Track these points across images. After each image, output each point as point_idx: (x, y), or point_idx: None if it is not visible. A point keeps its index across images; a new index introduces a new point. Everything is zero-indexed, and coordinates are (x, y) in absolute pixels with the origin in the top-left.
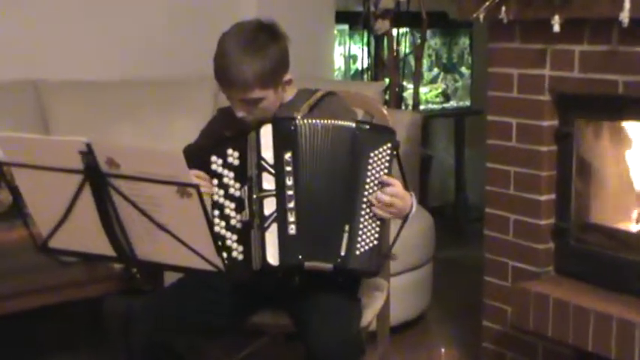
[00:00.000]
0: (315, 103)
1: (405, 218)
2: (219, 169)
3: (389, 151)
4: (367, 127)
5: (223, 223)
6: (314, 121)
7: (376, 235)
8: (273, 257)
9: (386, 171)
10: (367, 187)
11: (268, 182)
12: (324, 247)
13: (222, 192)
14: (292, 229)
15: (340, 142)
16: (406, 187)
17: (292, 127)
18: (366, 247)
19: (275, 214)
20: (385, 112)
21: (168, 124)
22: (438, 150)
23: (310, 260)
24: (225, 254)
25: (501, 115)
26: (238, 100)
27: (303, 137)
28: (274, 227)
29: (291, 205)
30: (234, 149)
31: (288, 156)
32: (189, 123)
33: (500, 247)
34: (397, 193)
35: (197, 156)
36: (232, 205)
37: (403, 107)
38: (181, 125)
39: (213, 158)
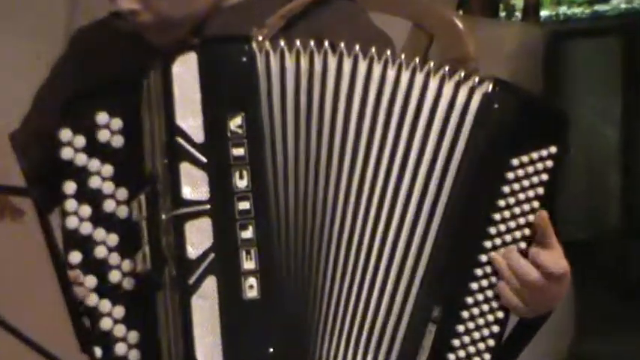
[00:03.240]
0: (301, 13)
1: (540, 319)
2: (79, 159)
3: (550, 163)
4: (516, 98)
5: (93, 282)
6: (299, 44)
7: (489, 344)
8: (209, 354)
9: (536, 204)
10: (493, 229)
11: (194, 184)
12: (361, 336)
13: (87, 210)
14: (252, 290)
15: (432, 114)
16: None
17: (244, 58)
18: None
19: (212, 257)
20: (461, 26)
21: None
22: (584, 111)
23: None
24: (98, 351)
25: None
26: None
27: (274, 82)
28: (211, 286)
29: (248, 233)
30: (111, 113)
31: (236, 124)
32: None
33: None
34: (557, 268)
35: (36, 135)
36: (112, 240)
37: (503, 14)
38: None
39: (65, 134)
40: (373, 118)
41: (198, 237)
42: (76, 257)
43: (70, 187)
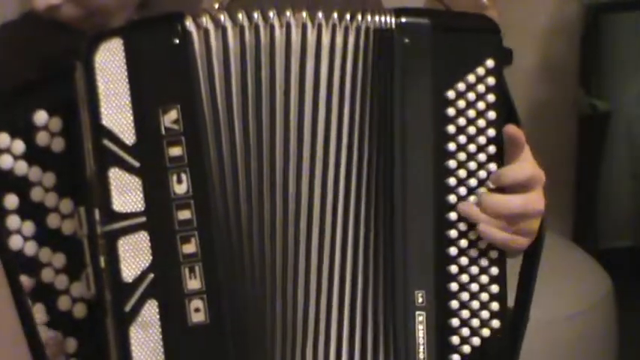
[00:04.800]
0: None
1: (536, 244)
2: (19, 168)
3: (492, 80)
4: (427, 21)
5: (40, 311)
6: (256, 15)
7: (493, 308)
8: None
9: (491, 132)
10: (452, 179)
11: (126, 192)
12: (341, 350)
13: (31, 228)
14: (199, 313)
15: (353, 74)
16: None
17: (176, 40)
18: (475, 343)
19: (151, 278)
20: None
21: None
22: (627, 98)
23: None
24: None
25: None
26: None
27: (215, 64)
28: (151, 311)
29: (191, 247)
30: (49, 111)
31: (171, 118)
32: None
33: None
34: (531, 173)
35: None
36: (59, 261)
37: None
38: None
39: (2, 140)
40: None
41: (134, 255)
42: (23, 282)
43: (11, 200)
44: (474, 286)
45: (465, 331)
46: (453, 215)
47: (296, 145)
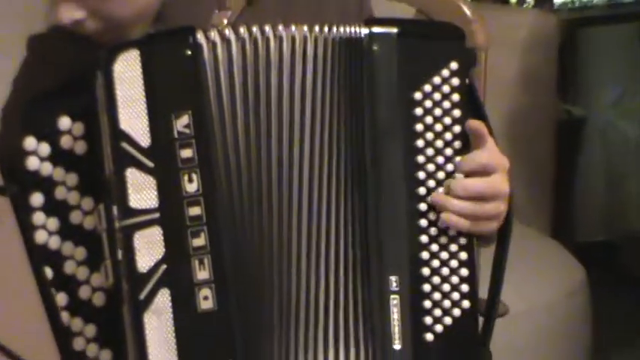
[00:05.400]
0: None
1: (502, 227)
2: (45, 169)
3: (456, 81)
4: (394, 31)
5: (64, 299)
6: (255, 29)
7: (463, 290)
8: None
9: (457, 129)
10: (421, 172)
11: (142, 190)
12: (328, 333)
13: (55, 223)
14: (208, 301)
15: (333, 80)
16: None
17: (188, 51)
18: (447, 322)
19: (164, 268)
20: (469, 12)
21: None
22: (600, 105)
23: None
24: None
25: None
26: None
27: (224, 73)
28: (164, 300)
29: (201, 241)
30: (72, 116)
31: (183, 123)
32: None
33: None
34: (493, 157)
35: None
36: (81, 254)
37: (514, 1)
38: None
39: (30, 143)
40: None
41: (148, 248)
42: (48, 273)
43: (37, 199)
44: (445, 270)
45: (438, 312)
46: (423, 206)
47: (288, 145)
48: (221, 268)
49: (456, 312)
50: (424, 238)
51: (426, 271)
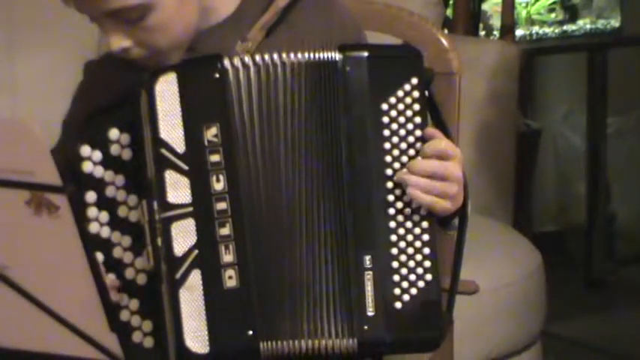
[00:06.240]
0: (280, 17)
1: (459, 211)
2: (97, 172)
3: (417, 93)
4: (365, 54)
5: (112, 278)
6: (267, 57)
7: (426, 265)
8: (197, 339)
9: (418, 133)
10: (389, 170)
11: (178, 189)
12: (322, 307)
13: (105, 216)
14: (232, 280)
15: (321, 96)
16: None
17: (217, 75)
18: (413, 293)
19: (196, 253)
20: (446, 42)
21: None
22: (553, 119)
23: (283, 337)
24: (120, 339)
25: None
26: (103, 15)
27: (245, 93)
28: (196, 278)
29: (226, 230)
30: (120, 129)
31: (212, 133)
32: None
33: None
34: (447, 147)
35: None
36: (126, 241)
37: (483, 33)
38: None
39: (85, 150)
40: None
41: (183, 236)
42: (99, 257)
43: (91, 196)
44: (410, 250)
45: (405, 284)
46: (391, 197)
47: (283, 151)
48: (243, 252)
49: (421, 284)
50: (392, 224)
51: (394, 250)
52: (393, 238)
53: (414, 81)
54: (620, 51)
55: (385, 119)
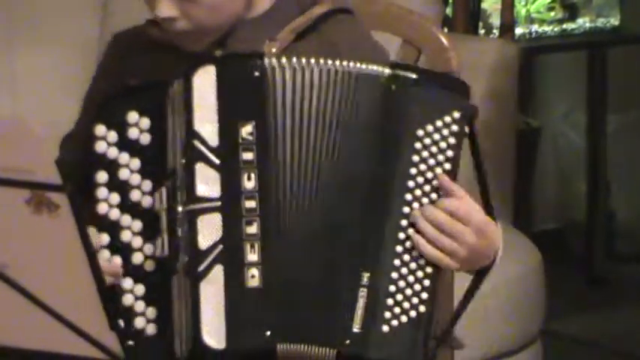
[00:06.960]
0: (309, 27)
1: (479, 273)
2: (111, 152)
3: (456, 127)
4: (413, 76)
5: (118, 262)
6: (304, 61)
7: (423, 297)
8: (214, 335)
9: (448, 166)
10: (409, 195)
11: (207, 182)
12: (320, 315)
13: (116, 198)
14: (254, 279)
15: (357, 107)
16: (488, 207)
17: (257, 73)
18: (402, 320)
19: (220, 248)
20: (445, 41)
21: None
22: (553, 118)
23: (290, 340)
24: (121, 323)
25: None
26: None
27: (280, 94)
28: (218, 274)
29: (253, 229)
30: (140, 112)
31: (247, 131)
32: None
33: None
34: (464, 213)
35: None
36: (137, 226)
37: (482, 32)
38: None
39: (99, 130)
40: (337, 120)
41: (209, 230)
42: (104, 239)
43: (102, 176)
44: (411, 278)
45: (397, 310)
46: (404, 222)
47: (312, 156)
48: (269, 254)
49: (412, 314)
50: (399, 248)
51: (394, 275)
52: (397, 262)
53: (456, 115)
54: (619, 49)
55: (418, 145)
